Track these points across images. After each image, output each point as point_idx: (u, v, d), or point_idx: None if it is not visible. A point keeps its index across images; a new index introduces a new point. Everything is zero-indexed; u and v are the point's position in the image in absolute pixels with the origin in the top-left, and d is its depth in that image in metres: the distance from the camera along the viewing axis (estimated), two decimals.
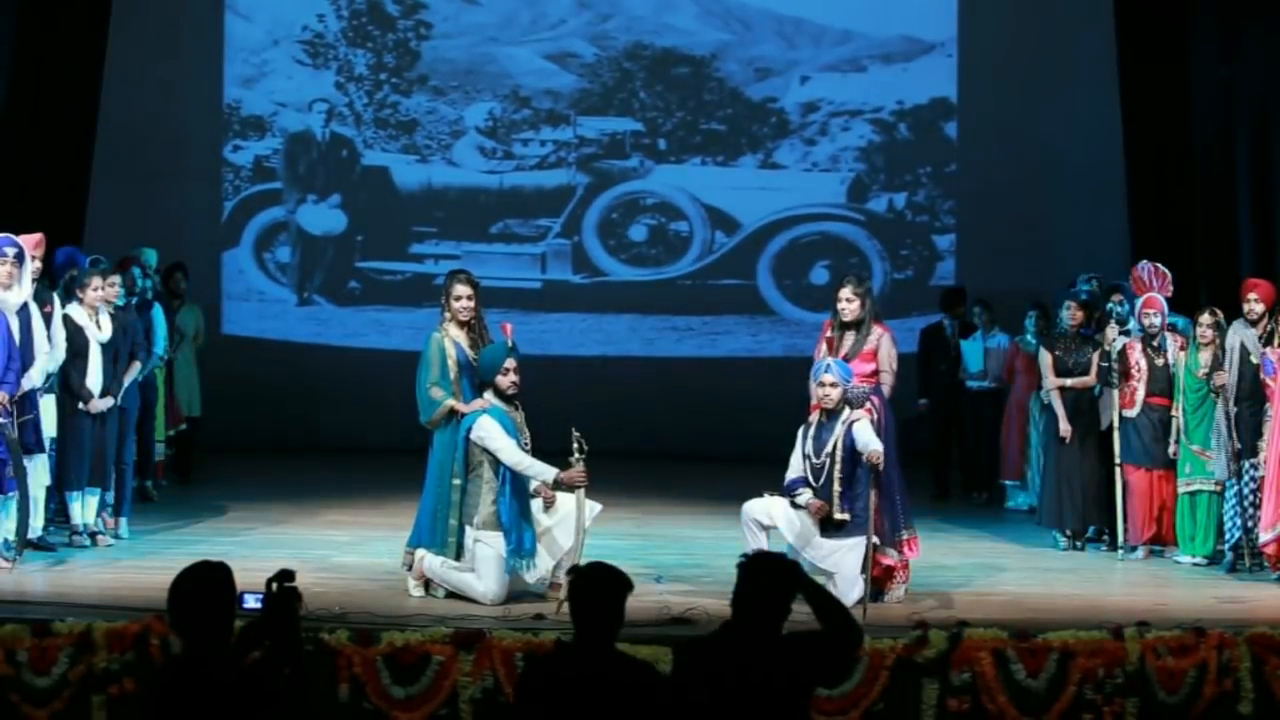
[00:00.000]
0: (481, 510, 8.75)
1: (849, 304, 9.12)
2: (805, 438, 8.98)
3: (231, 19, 15.96)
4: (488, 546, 8.70)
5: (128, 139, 15.11)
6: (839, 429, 8.85)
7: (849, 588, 8.64)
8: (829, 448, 8.84)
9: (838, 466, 8.79)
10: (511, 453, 8.66)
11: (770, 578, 5.22)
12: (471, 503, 8.78)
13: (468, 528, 8.78)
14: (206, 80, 15.88)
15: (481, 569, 8.71)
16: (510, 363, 8.80)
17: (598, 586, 5.28)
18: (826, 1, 16.03)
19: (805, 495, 8.84)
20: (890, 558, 8.99)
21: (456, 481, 8.85)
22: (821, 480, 8.82)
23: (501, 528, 8.68)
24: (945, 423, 13.52)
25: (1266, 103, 13.33)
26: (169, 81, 15.70)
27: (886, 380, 9.11)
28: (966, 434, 13.50)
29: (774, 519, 8.86)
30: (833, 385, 8.88)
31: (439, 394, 8.94)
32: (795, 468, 8.96)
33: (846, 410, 8.91)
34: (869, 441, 8.72)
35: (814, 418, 9.01)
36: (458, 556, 8.82)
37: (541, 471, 8.68)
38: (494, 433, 8.68)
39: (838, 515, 8.79)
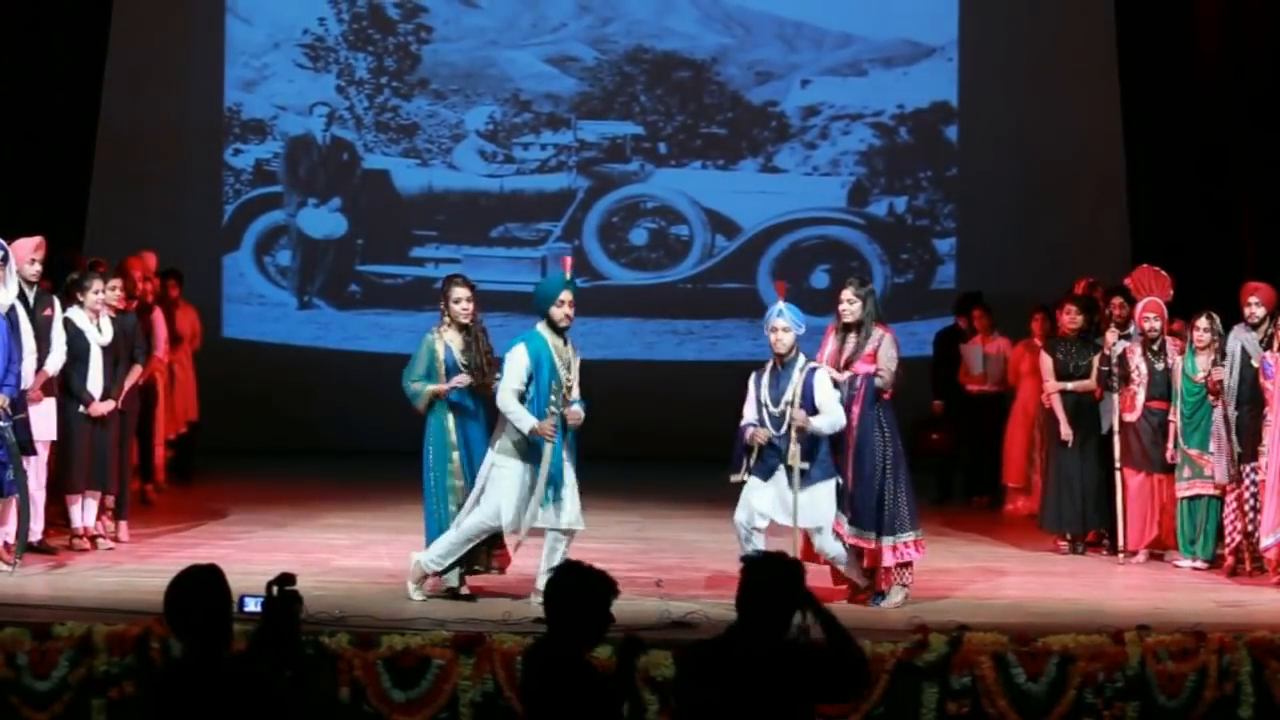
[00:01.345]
0: (507, 434, 8.77)
1: (849, 305, 9.10)
2: (759, 385, 8.90)
3: (232, 22, 15.97)
4: (502, 470, 8.73)
5: (129, 142, 15.12)
6: (796, 377, 8.79)
7: (830, 544, 8.75)
8: (787, 395, 8.78)
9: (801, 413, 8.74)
10: (507, 390, 8.72)
11: (774, 576, 5.20)
12: (498, 429, 8.83)
13: (490, 451, 8.82)
14: (207, 83, 15.89)
15: (493, 490, 8.73)
16: (566, 295, 8.83)
17: (572, 591, 5.25)
18: (827, 5, 16.05)
19: (750, 430, 8.81)
20: (859, 538, 8.92)
21: (456, 454, 8.95)
22: (781, 430, 8.77)
23: (523, 458, 8.70)
24: (955, 425, 13.53)
25: (1268, 105, 13.34)
26: (170, 85, 15.71)
27: (883, 378, 9.08)
28: (968, 438, 13.51)
29: (761, 511, 8.82)
30: (785, 330, 8.84)
31: (418, 386, 9.05)
32: (749, 416, 8.91)
33: (802, 358, 8.88)
34: (828, 405, 8.69)
35: (767, 364, 8.97)
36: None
37: (520, 418, 8.68)
38: (513, 364, 8.74)
39: (793, 462, 8.71)
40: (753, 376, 9.00)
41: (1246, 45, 13.63)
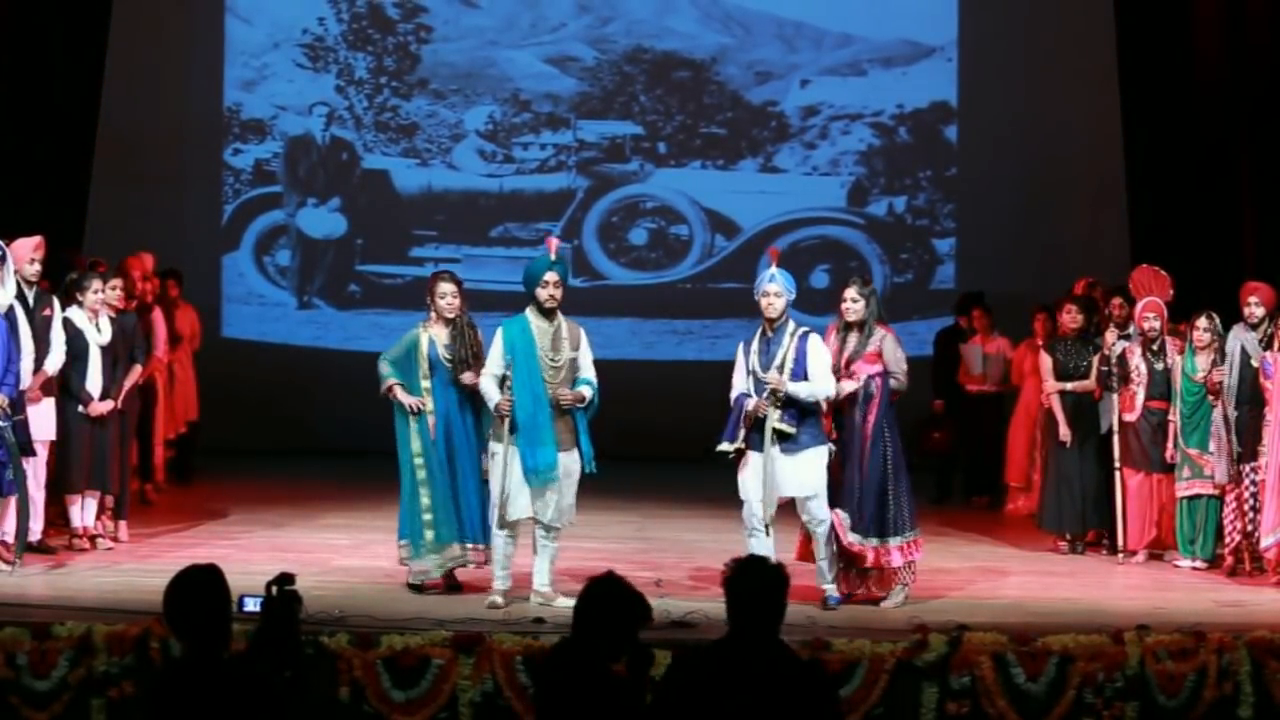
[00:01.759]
0: (495, 424, 8.87)
1: (854, 304, 9.08)
2: (749, 352, 8.86)
3: (232, 22, 15.96)
4: (495, 456, 8.82)
5: (128, 142, 15.12)
6: (787, 341, 8.77)
7: (822, 510, 8.73)
8: (778, 360, 8.75)
9: (786, 379, 8.70)
10: (485, 374, 8.85)
11: (758, 578, 5.17)
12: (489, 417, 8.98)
13: (490, 443, 8.93)
14: (207, 83, 15.89)
15: (490, 478, 8.85)
16: (551, 276, 8.86)
17: (604, 605, 5.22)
18: (827, 5, 16.04)
19: (753, 402, 8.74)
20: (861, 545, 8.94)
21: (419, 460, 9.07)
22: (768, 395, 8.72)
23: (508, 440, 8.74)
24: (956, 424, 13.53)
25: (1268, 104, 13.34)
26: (169, 84, 15.72)
27: (898, 379, 9.07)
28: (967, 437, 13.51)
29: (761, 499, 8.80)
30: (776, 295, 8.83)
31: (386, 369, 9.16)
32: (739, 385, 8.87)
33: (792, 323, 8.85)
34: (820, 374, 8.66)
35: (756, 332, 8.94)
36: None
37: (488, 398, 8.80)
38: (491, 349, 8.88)
39: (781, 426, 8.68)
40: (741, 345, 8.98)
41: (1246, 45, 13.63)
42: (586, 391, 8.85)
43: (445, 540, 9.06)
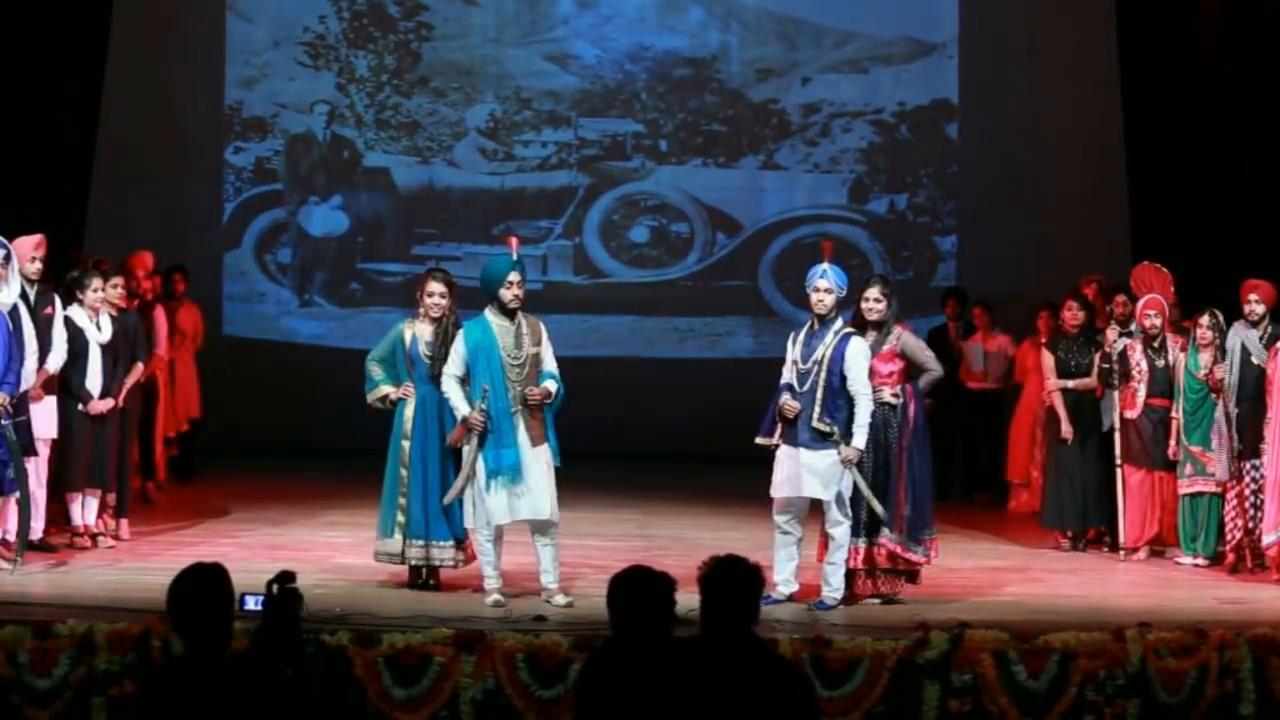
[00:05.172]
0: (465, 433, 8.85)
1: (877, 304, 9.07)
2: (794, 342, 8.91)
3: (233, 20, 15.96)
4: (472, 458, 8.75)
5: (129, 140, 15.12)
6: (830, 338, 8.79)
7: (845, 512, 8.73)
8: (817, 354, 8.75)
9: (823, 375, 8.72)
10: (448, 375, 8.79)
11: (733, 580, 5.16)
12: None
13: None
14: (208, 81, 15.89)
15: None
16: (514, 276, 8.83)
17: (639, 590, 5.21)
18: (828, 3, 16.03)
19: (785, 397, 8.80)
20: (915, 554, 8.98)
21: (406, 443, 9.04)
22: (806, 386, 8.74)
23: (478, 443, 8.69)
24: (948, 423, 13.51)
25: (1269, 103, 13.34)
26: (170, 83, 15.71)
27: (934, 367, 9.14)
28: (968, 435, 13.51)
29: (786, 503, 8.81)
30: (827, 291, 8.84)
31: (377, 372, 9.18)
32: (785, 376, 8.91)
33: (840, 320, 8.87)
34: (856, 378, 8.67)
35: (806, 323, 8.97)
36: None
37: (457, 405, 8.74)
38: (453, 350, 8.81)
39: (818, 425, 8.70)
40: (791, 335, 9.03)
41: (1247, 43, 13.63)
42: (552, 386, 8.78)
43: (412, 533, 9.04)
